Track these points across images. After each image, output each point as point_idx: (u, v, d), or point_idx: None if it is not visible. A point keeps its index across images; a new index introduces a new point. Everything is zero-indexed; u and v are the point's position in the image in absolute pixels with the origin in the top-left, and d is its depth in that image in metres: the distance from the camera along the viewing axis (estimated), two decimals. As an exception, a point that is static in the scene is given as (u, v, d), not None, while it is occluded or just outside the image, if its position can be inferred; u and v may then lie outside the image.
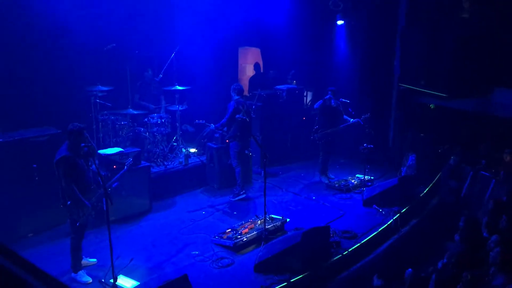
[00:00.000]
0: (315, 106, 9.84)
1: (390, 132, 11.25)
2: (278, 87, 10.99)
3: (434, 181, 9.45)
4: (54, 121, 7.86)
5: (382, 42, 11.00)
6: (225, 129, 8.76)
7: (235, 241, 6.83)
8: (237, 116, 8.38)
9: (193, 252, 6.79)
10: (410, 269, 6.01)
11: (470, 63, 9.29)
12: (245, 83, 12.90)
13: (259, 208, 7.53)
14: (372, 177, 9.79)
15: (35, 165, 6.99)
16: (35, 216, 7.10)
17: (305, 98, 12.05)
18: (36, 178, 7.02)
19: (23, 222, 7.02)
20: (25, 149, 6.96)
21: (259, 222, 7.37)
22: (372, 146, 9.27)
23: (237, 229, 7.20)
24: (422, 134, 10.50)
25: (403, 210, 8.27)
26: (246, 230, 7.14)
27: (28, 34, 7.97)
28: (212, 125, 8.66)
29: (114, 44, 9.27)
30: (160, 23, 10.04)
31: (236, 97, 8.55)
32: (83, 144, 5.73)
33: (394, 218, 7.93)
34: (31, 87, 8.17)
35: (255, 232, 7.10)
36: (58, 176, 5.78)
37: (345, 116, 9.62)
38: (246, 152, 8.74)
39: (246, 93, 12.24)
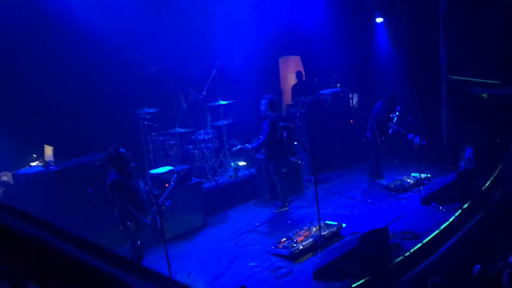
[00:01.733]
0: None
1: (442, 126, 10.82)
2: (321, 92, 10.87)
3: (496, 173, 8.96)
4: (105, 146, 8.10)
5: (425, 34, 10.67)
6: (262, 150, 8.58)
7: (291, 249, 6.73)
8: (276, 135, 8.19)
9: (250, 264, 6.75)
10: (478, 265, 5.68)
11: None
12: (288, 92, 12.88)
13: (313, 215, 7.38)
14: (428, 175, 9.42)
15: (91, 190, 7.22)
16: (94, 239, 7.29)
17: (351, 100, 11.85)
18: (93, 202, 7.24)
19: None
20: (80, 175, 7.21)
21: (314, 229, 7.23)
22: (425, 142, 8.95)
23: (292, 237, 7.10)
24: (477, 126, 10.03)
25: (465, 206, 7.88)
26: (302, 238, 7.03)
27: (75, 64, 8.31)
28: (248, 145, 8.62)
29: (157, 67, 9.52)
30: (199, 42, 10.21)
31: (269, 113, 8.26)
32: (133, 164, 5.86)
33: (456, 214, 7.57)
34: (82, 115, 8.50)
35: (310, 240, 6.97)
36: (113, 200, 5.87)
37: (409, 135, 9.17)
38: (293, 160, 8.62)
39: (289, 101, 12.21)
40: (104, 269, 0.70)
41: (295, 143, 9.30)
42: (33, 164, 7.77)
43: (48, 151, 7.58)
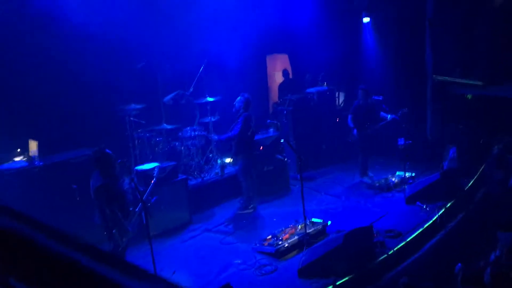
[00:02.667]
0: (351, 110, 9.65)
1: (427, 126, 10.94)
2: (308, 90, 10.92)
3: (478, 173, 9.10)
4: (91, 142, 8.05)
5: (412, 34, 10.77)
6: (232, 143, 8.47)
7: (277, 247, 6.76)
8: (248, 133, 8.20)
9: (236, 261, 6.76)
10: (459, 264, 5.76)
11: (505, 49, 8.96)
12: (275, 90, 12.91)
13: (299, 213, 7.42)
14: (413, 174, 9.53)
15: (75, 186, 7.15)
16: (79, 235, 7.23)
17: (337, 99, 11.92)
18: (77, 199, 7.18)
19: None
20: (65, 170, 7.14)
21: (299, 227, 7.27)
22: (410, 142, 9.05)
23: (278, 235, 7.13)
24: (461, 126, 10.16)
25: (448, 205, 8.00)
26: (287, 235, 7.06)
27: (61, 58, 8.22)
28: (215, 136, 8.62)
29: (144, 63, 9.46)
30: (187, 38, 10.16)
31: (243, 111, 8.28)
32: (119, 160, 5.77)
33: (439, 213, 7.67)
34: (67, 110, 8.40)
35: (296, 237, 7.01)
36: (98, 204, 5.63)
37: (382, 114, 9.43)
38: (279, 157, 8.64)
39: (276, 99, 12.23)
40: (94, 267, 0.70)
41: (282, 140, 9.34)
42: (17, 159, 7.67)
43: (33, 146, 7.49)
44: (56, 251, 0.70)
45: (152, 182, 6.65)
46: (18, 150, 7.82)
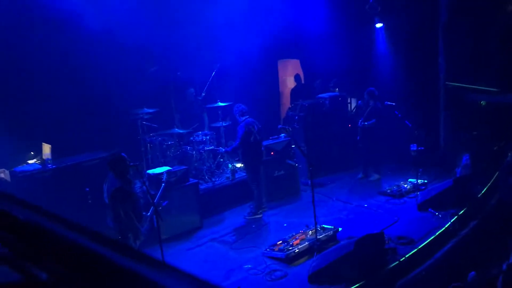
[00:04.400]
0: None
1: (440, 132, 10.85)
2: (320, 95, 10.91)
3: (492, 180, 8.99)
4: (104, 145, 8.15)
5: (424, 40, 10.72)
6: (239, 151, 8.49)
7: (287, 252, 6.74)
8: (251, 139, 8.19)
9: (246, 266, 6.75)
10: (473, 272, 5.70)
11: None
12: (286, 95, 12.91)
13: (309, 218, 7.41)
14: (425, 181, 9.45)
15: (87, 189, 7.21)
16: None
17: (349, 105, 11.88)
18: (90, 201, 7.23)
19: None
20: (78, 173, 7.21)
21: (310, 232, 7.24)
22: (423, 148, 8.99)
23: (288, 240, 7.11)
24: (475, 133, 10.06)
25: (460, 212, 7.90)
26: (297, 241, 7.03)
27: (75, 62, 8.31)
28: (222, 149, 8.70)
29: (157, 67, 9.53)
30: (199, 43, 10.22)
31: (242, 118, 8.32)
32: (131, 163, 5.80)
33: (451, 221, 7.58)
34: (81, 114, 8.49)
35: (306, 243, 6.97)
36: (113, 207, 5.62)
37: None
38: (290, 163, 8.63)
39: (288, 105, 12.23)
40: (124, 264, 0.70)
41: (293, 146, 9.33)
42: (30, 161, 7.76)
43: (46, 149, 7.58)
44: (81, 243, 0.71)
45: (162, 186, 6.68)
46: (32, 153, 7.92)
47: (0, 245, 0.66)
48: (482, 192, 8.72)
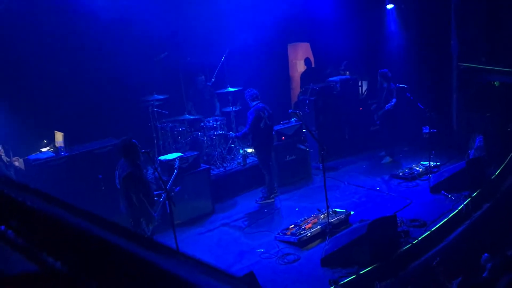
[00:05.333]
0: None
1: (453, 114, 10.73)
2: (331, 79, 10.82)
3: (506, 162, 8.90)
4: (115, 133, 8.20)
5: (436, 21, 10.53)
6: (249, 137, 8.42)
7: (299, 236, 6.77)
8: (261, 124, 8.15)
9: (258, 250, 6.80)
10: (486, 254, 5.68)
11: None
12: (296, 79, 12.83)
13: (321, 203, 7.44)
14: (438, 163, 9.38)
15: (100, 176, 7.28)
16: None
17: (360, 88, 11.78)
18: (103, 188, 7.30)
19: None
20: (90, 161, 7.27)
21: (322, 216, 7.25)
22: (435, 130, 8.91)
23: (300, 224, 7.13)
24: (488, 114, 9.93)
25: (474, 194, 7.85)
26: (310, 225, 7.06)
27: (86, 50, 8.33)
28: (232, 134, 8.68)
29: (167, 53, 9.52)
30: (208, 29, 10.17)
31: (254, 103, 8.27)
32: (143, 150, 5.85)
33: (465, 203, 7.54)
34: (92, 102, 8.53)
35: (319, 227, 7.00)
36: (125, 192, 5.72)
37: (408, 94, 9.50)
38: (301, 147, 8.60)
39: (298, 89, 12.17)
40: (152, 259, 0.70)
41: (304, 130, 9.30)
42: (43, 149, 7.85)
43: (59, 137, 7.65)
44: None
45: (174, 173, 6.72)
46: (45, 141, 8.00)
47: (15, 235, 0.67)
48: (496, 174, 8.64)
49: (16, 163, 7.46)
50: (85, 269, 0.63)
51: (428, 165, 8.95)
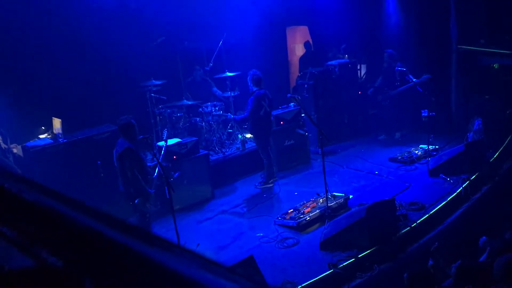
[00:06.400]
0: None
1: (452, 97, 10.69)
2: (329, 63, 10.75)
3: (504, 145, 8.90)
4: (113, 119, 8.16)
5: (436, 3, 10.43)
6: (248, 122, 8.38)
7: (298, 220, 6.79)
8: (261, 112, 8.10)
9: (258, 234, 6.83)
10: (484, 237, 5.71)
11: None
12: (295, 63, 12.76)
13: (320, 187, 7.46)
14: (436, 146, 9.38)
15: (99, 162, 7.27)
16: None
17: (359, 71, 11.72)
18: (102, 174, 7.30)
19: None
20: (89, 147, 7.26)
21: (321, 200, 7.27)
22: (434, 113, 8.89)
23: (299, 208, 7.16)
24: (487, 96, 9.90)
25: (472, 177, 7.86)
26: (309, 209, 7.09)
27: (81, 36, 8.25)
28: (230, 115, 8.64)
29: (164, 38, 9.44)
30: (205, 12, 10.08)
31: (255, 89, 8.16)
32: (141, 137, 5.88)
33: (463, 186, 7.56)
34: (89, 88, 8.48)
35: (317, 211, 7.02)
36: (121, 168, 5.95)
37: (409, 76, 9.44)
38: (300, 132, 8.58)
39: (297, 73, 12.11)
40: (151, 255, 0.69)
41: (303, 114, 9.28)
42: (42, 136, 7.83)
43: (56, 123, 7.62)
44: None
45: (164, 146, 6.74)
46: (43, 127, 7.98)
47: (11, 229, 0.66)
48: (494, 156, 8.65)
49: (15, 150, 7.44)
50: (81, 264, 0.62)
51: (427, 148, 8.95)
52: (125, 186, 6.03)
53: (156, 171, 6.35)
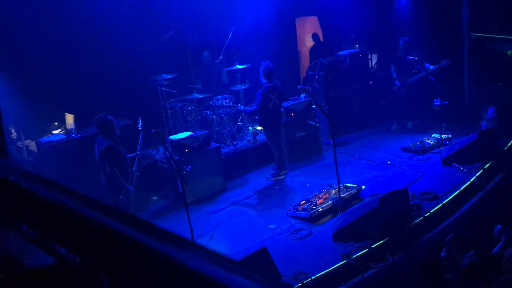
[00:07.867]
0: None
1: (465, 85, 10.58)
2: (340, 53, 10.67)
3: (518, 132, 8.80)
4: (126, 113, 8.24)
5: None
6: (257, 115, 8.36)
7: (311, 212, 6.80)
8: (269, 106, 8.07)
9: (270, 226, 6.86)
10: (499, 225, 5.67)
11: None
12: (305, 54, 12.70)
13: (332, 178, 7.45)
14: (449, 135, 9.30)
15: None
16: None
17: (370, 61, 11.63)
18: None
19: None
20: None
21: (333, 191, 7.27)
22: (446, 102, 8.81)
23: (312, 200, 7.17)
24: (500, 84, 9.78)
25: (486, 166, 7.79)
26: (321, 200, 7.09)
27: (93, 33, 8.30)
28: (241, 106, 8.65)
29: (173, 31, 9.45)
30: (214, 5, 10.06)
31: (264, 81, 8.09)
32: (153, 131, 5.90)
33: (477, 174, 7.50)
34: (101, 83, 8.54)
35: (330, 202, 7.02)
36: (101, 165, 6.18)
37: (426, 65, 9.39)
38: (311, 123, 8.57)
39: (307, 64, 12.05)
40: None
41: (313, 105, 9.25)
42: (55, 132, 7.92)
43: (69, 119, 7.70)
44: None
45: (140, 135, 6.83)
46: (56, 123, 8.06)
47: (29, 226, 0.68)
48: (508, 145, 8.55)
49: (30, 146, 7.54)
50: (98, 261, 0.64)
51: (439, 137, 8.87)
52: (106, 182, 6.24)
53: (135, 164, 6.58)
